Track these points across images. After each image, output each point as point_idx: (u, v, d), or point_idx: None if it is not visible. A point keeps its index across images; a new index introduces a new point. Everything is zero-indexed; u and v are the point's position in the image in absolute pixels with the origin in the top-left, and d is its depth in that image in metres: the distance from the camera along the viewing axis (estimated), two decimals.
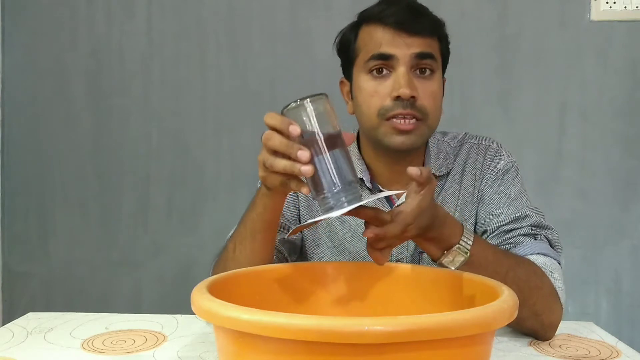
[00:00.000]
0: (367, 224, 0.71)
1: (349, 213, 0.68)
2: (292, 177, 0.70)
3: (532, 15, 1.77)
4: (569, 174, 1.78)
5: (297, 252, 1.10)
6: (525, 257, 0.92)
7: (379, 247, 0.72)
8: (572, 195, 1.77)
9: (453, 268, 0.78)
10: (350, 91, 1.05)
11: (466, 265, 0.77)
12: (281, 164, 0.69)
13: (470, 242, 0.78)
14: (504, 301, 0.55)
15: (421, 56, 0.95)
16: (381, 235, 0.70)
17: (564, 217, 1.75)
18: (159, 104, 1.85)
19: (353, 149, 1.08)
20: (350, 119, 1.07)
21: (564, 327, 0.94)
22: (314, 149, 0.67)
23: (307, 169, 0.66)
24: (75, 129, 1.86)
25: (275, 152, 0.70)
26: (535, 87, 1.78)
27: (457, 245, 0.78)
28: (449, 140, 1.10)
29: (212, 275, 0.94)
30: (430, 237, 0.77)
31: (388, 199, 1.05)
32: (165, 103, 1.85)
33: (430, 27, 0.98)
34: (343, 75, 1.08)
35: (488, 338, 0.56)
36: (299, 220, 1.08)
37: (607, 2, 1.73)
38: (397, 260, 1.04)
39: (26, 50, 1.86)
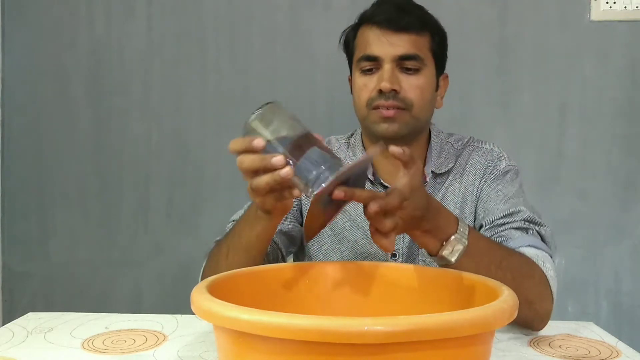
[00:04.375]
0: (366, 207, 0.71)
1: (344, 197, 0.68)
2: (281, 188, 0.71)
3: (532, 15, 1.77)
4: (569, 174, 1.78)
5: (295, 243, 1.12)
6: (516, 249, 0.93)
7: (384, 230, 0.71)
8: (572, 195, 1.77)
9: (453, 260, 0.78)
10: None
11: (464, 256, 0.78)
12: (263, 179, 0.70)
13: (466, 232, 0.79)
14: (504, 301, 0.55)
15: (404, 58, 1.01)
16: (383, 206, 0.69)
17: (564, 217, 1.76)
18: (159, 104, 1.85)
19: (357, 141, 1.14)
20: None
21: (564, 327, 0.94)
22: (285, 152, 0.68)
23: (285, 171, 0.67)
24: (75, 129, 1.86)
25: (256, 172, 0.71)
26: (535, 87, 1.78)
27: (455, 235, 0.78)
28: (453, 142, 1.13)
29: (204, 273, 0.95)
30: (426, 229, 0.77)
31: (384, 186, 1.09)
32: (165, 103, 1.85)
33: (415, 23, 1.02)
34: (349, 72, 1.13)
35: (488, 338, 0.56)
36: (301, 212, 1.11)
37: (607, 2, 1.73)
38: (393, 254, 1.06)
39: (26, 50, 1.86)
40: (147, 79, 1.85)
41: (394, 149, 0.71)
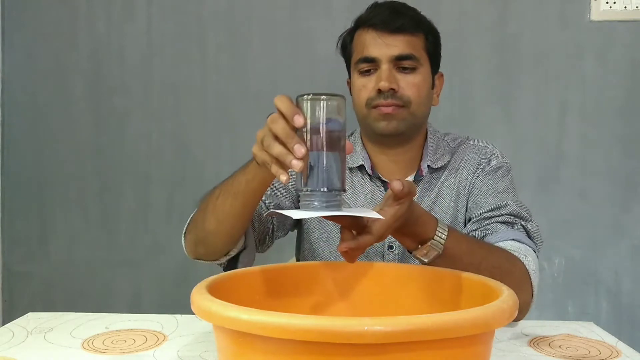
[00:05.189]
0: (342, 232, 0.72)
1: (327, 218, 0.71)
2: (279, 162, 0.70)
3: (532, 15, 1.77)
4: (569, 174, 1.78)
5: (286, 228, 1.14)
6: (499, 243, 0.95)
7: (350, 258, 0.73)
8: (572, 195, 1.77)
9: (426, 261, 0.80)
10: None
11: (440, 258, 0.79)
12: (277, 149, 0.69)
13: (444, 237, 0.80)
14: (504, 301, 0.55)
15: (400, 58, 1.04)
16: (354, 248, 0.71)
17: (564, 217, 1.76)
18: (159, 104, 1.85)
19: (357, 139, 1.16)
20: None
21: (564, 327, 0.94)
22: (313, 146, 0.67)
23: (297, 164, 0.66)
24: (75, 129, 1.86)
25: (276, 136, 0.70)
26: (535, 87, 1.78)
27: (431, 241, 0.80)
28: (449, 140, 1.17)
29: (194, 214, 1.01)
30: (405, 232, 0.79)
31: (385, 184, 1.11)
32: (165, 103, 1.85)
33: (410, 24, 1.05)
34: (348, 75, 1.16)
35: (488, 338, 0.56)
36: (298, 196, 1.11)
37: (607, 2, 1.73)
38: (389, 246, 1.09)
39: (26, 50, 1.86)
40: (147, 79, 1.85)
41: (394, 184, 0.71)
